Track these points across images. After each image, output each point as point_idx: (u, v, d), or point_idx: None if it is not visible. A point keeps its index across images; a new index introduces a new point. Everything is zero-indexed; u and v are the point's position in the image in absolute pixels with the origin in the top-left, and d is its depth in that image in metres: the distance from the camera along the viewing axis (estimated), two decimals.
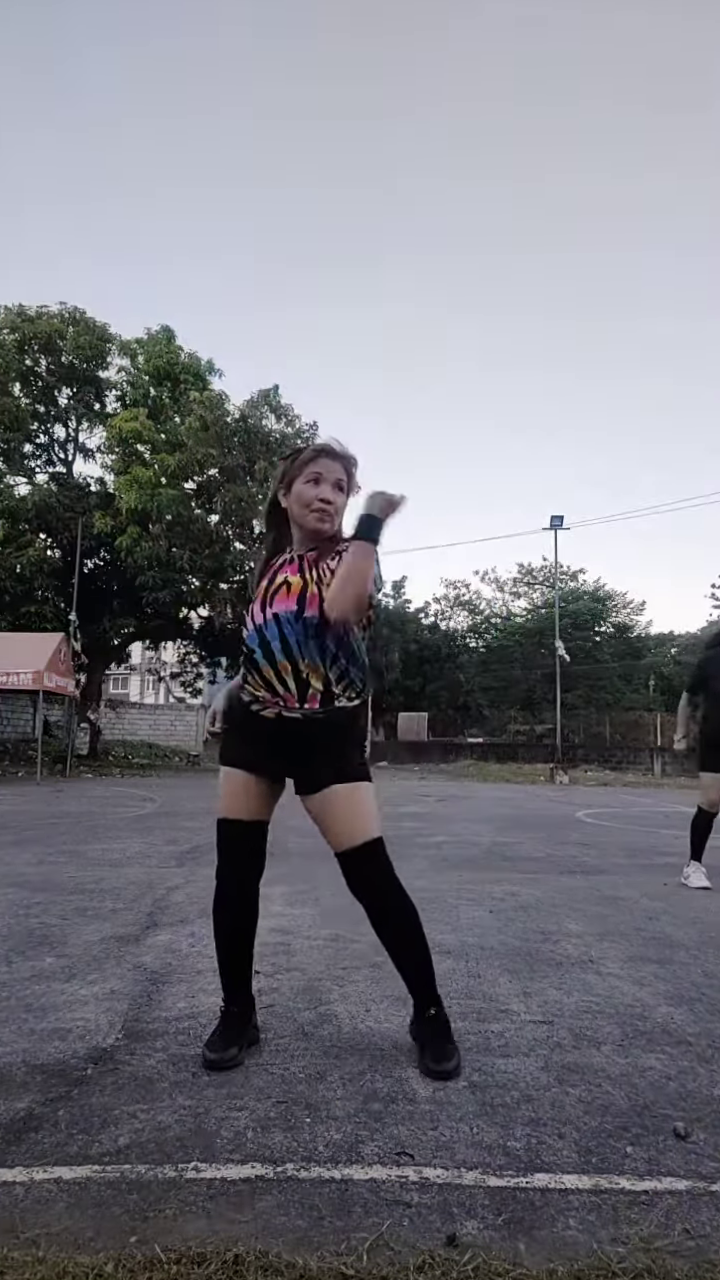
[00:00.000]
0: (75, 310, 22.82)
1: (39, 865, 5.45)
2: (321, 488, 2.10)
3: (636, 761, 27.98)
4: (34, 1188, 1.54)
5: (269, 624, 2.06)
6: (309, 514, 2.10)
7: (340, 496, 2.13)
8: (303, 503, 2.10)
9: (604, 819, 10.44)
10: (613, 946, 3.48)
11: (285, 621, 2.04)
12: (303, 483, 2.11)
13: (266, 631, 2.06)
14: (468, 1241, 1.39)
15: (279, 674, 2.06)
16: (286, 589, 2.08)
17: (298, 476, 2.12)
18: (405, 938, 2.16)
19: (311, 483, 2.10)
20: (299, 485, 2.11)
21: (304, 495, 2.10)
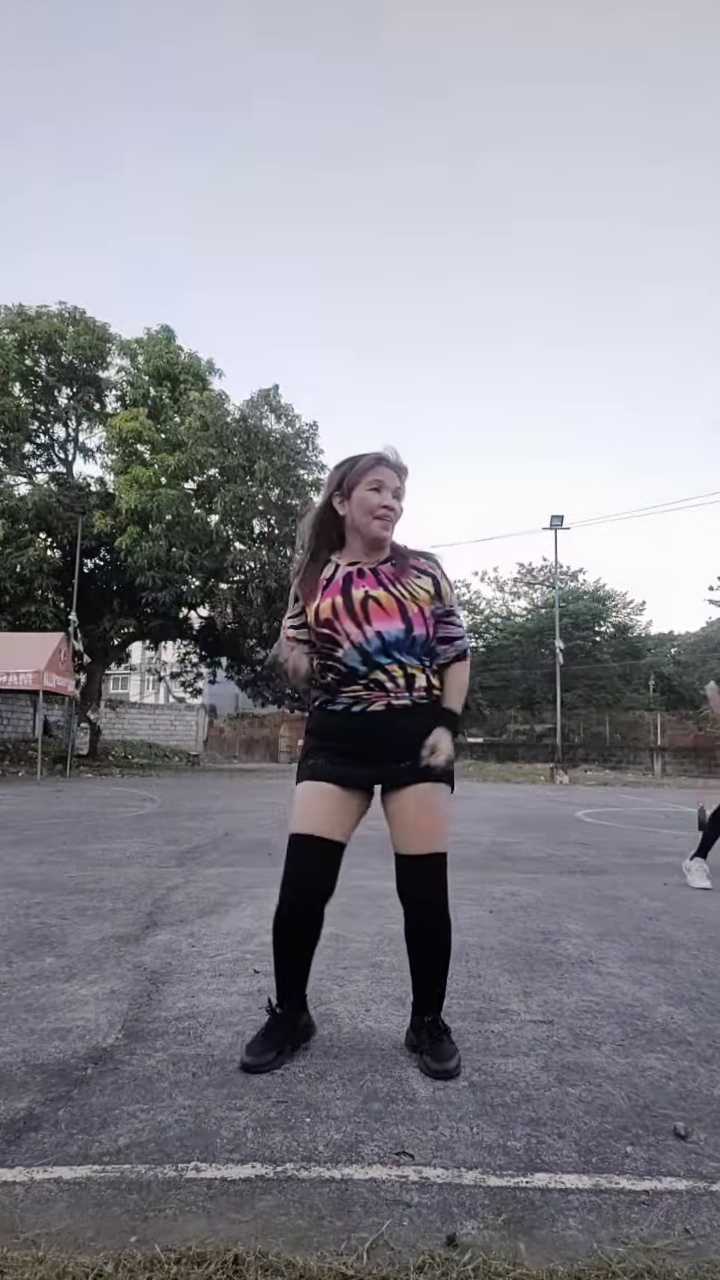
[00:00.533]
0: (75, 310, 22.81)
1: (39, 865, 5.45)
2: (384, 494, 2.14)
3: (636, 761, 27.99)
4: (34, 1188, 1.54)
5: (371, 640, 2.10)
6: (373, 520, 2.14)
7: (399, 504, 2.17)
8: (365, 509, 2.13)
9: (604, 819, 10.43)
10: (613, 946, 3.48)
11: (392, 638, 2.11)
12: (365, 490, 2.14)
13: (369, 647, 2.10)
14: (468, 1241, 1.39)
15: (389, 674, 2.12)
16: (378, 604, 2.11)
17: (358, 484, 2.14)
18: (438, 951, 2.21)
19: (374, 490, 2.14)
20: (361, 492, 2.14)
21: (367, 502, 2.13)
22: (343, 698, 2.16)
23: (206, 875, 5.12)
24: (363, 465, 2.16)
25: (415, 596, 2.15)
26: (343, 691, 2.15)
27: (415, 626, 2.13)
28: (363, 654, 2.11)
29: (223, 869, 5.38)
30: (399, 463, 2.20)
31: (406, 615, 2.12)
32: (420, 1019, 2.21)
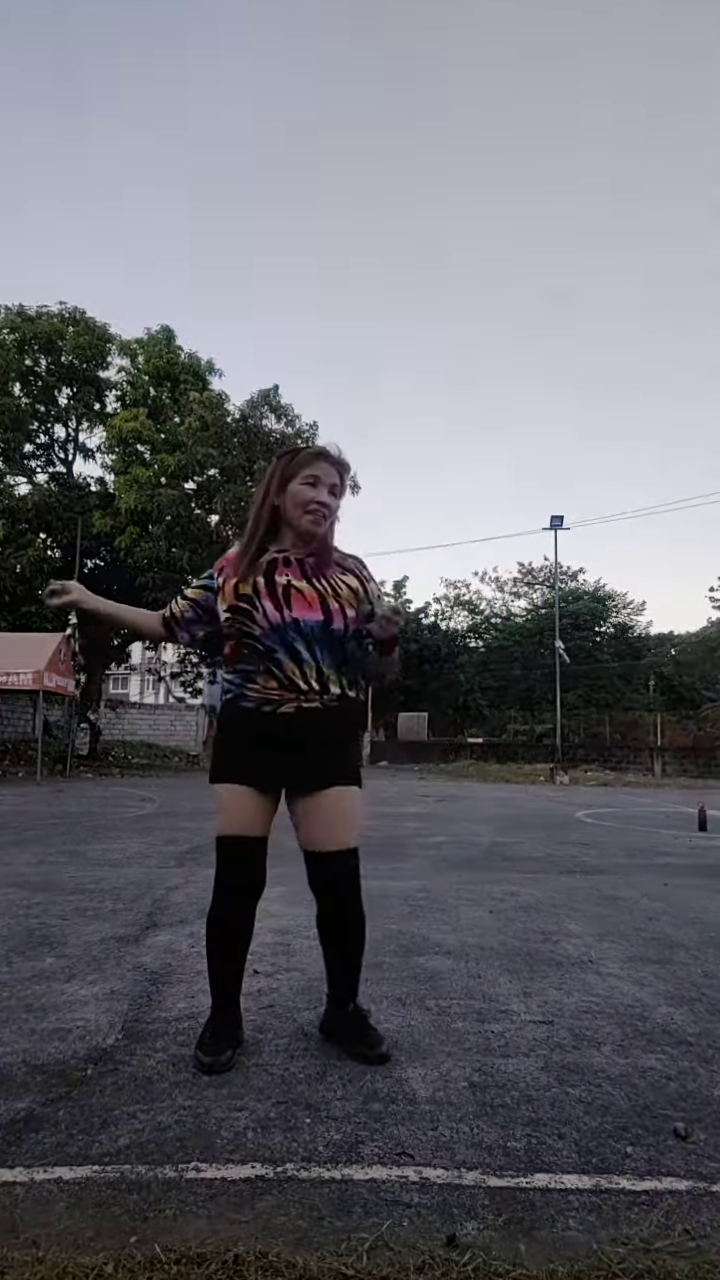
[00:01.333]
0: (75, 310, 22.80)
1: (39, 865, 5.45)
2: (319, 490, 2.13)
3: (636, 761, 27.98)
4: (34, 1188, 1.54)
5: (289, 627, 2.09)
6: (304, 515, 2.13)
7: (334, 500, 2.16)
8: (298, 503, 2.13)
9: (604, 819, 10.43)
10: (613, 946, 3.48)
11: (310, 629, 2.10)
12: (299, 483, 2.13)
13: (288, 634, 2.09)
14: (468, 1242, 1.39)
15: (304, 673, 2.11)
16: (300, 594, 2.11)
17: (294, 476, 2.14)
18: (354, 941, 2.24)
19: (309, 485, 2.13)
20: (296, 485, 2.13)
21: (300, 496, 2.12)
22: (252, 693, 2.13)
23: (206, 875, 5.09)
24: (301, 459, 2.16)
25: (338, 592, 2.14)
26: (253, 684, 2.12)
27: (334, 620, 2.11)
28: (280, 638, 2.09)
29: None
30: (340, 458, 2.18)
31: (327, 608, 2.11)
32: (342, 1010, 2.24)
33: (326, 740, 2.14)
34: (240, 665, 2.15)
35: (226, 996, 2.21)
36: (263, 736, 2.13)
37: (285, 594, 2.11)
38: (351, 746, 2.24)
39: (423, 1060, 2.19)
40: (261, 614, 2.10)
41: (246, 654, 2.13)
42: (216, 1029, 2.17)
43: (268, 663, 2.10)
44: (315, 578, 2.15)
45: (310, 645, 2.10)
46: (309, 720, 2.12)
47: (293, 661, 2.10)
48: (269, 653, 2.10)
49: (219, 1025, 2.18)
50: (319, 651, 2.11)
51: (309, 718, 2.12)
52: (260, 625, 2.10)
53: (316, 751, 2.13)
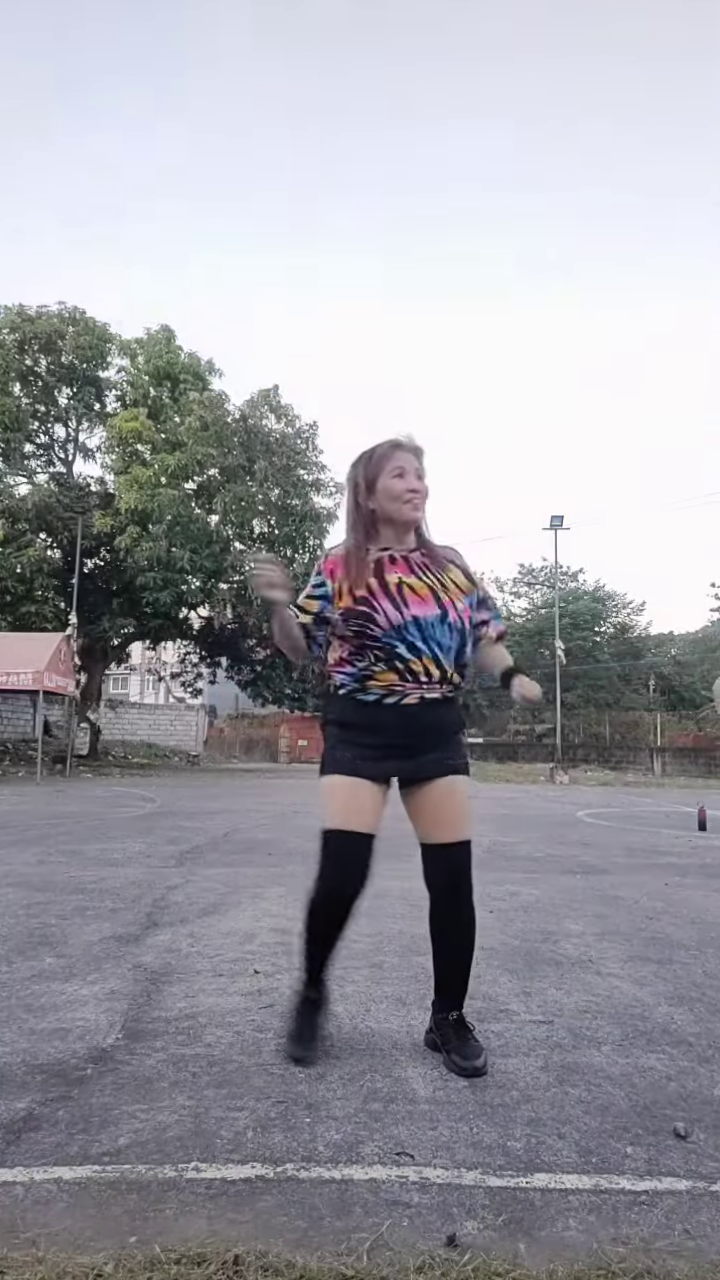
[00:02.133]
0: (75, 310, 22.81)
1: (39, 865, 5.45)
2: (408, 479, 2.17)
3: (636, 761, 27.98)
4: (34, 1188, 1.54)
5: (409, 625, 2.12)
6: (403, 506, 2.17)
7: (424, 484, 2.21)
8: (393, 496, 2.17)
9: (604, 819, 10.43)
10: (613, 946, 3.49)
11: (429, 624, 2.13)
12: (388, 478, 2.17)
13: (408, 632, 2.12)
14: (468, 1242, 1.39)
15: (425, 666, 2.13)
16: (413, 591, 2.15)
17: (380, 474, 2.18)
18: (464, 941, 2.21)
19: (397, 476, 2.17)
20: (385, 481, 2.17)
21: (393, 489, 2.17)
22: (374, 687, 2.15)
23: (206, 875, 5.12)
24: (380, 455, 2.20)
25: (446, 586, 2.18)
26: (374, 680, 2.14)
27: (449, 613, 2.15)
28: (400, 637, 2.12)
29: (223, 869, 5.38)
30: (414, 444, 2.24)
31: (440, 602, 2.15)
32: (445, 1017, 2.20)
33: (444, 729, 2.19)
34: (356, 662, 2.16)
35: (315, 973, 2.24)
36: (383, 727, 2.14)
37: (400, 592, 2.14)
38: (460, 738, 2.27)
39: (423, 1060, 2.18)
40: (382, 615, 2.12)
41: (365, 651, 2.15)
42: (308, 1017, 2.22)
43: (392, 659, 2.13)
44: (423, 572, 2.19)
45: (428, 640, 2.13)
46: (431, 710, 2.15)
47: (414, 655, 2.12)
48: (390, 649, 2.12)
49: (308, 1010, 2.23)
50: (436, 645, 2.14)
51: (431, 708, 2.15)
52: (380, 625, 2.12)
53: (434, 741, 2.17)
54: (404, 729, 2.14)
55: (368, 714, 2.16)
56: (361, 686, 2.16)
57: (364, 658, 2.15)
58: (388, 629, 2.12)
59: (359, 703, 2.17)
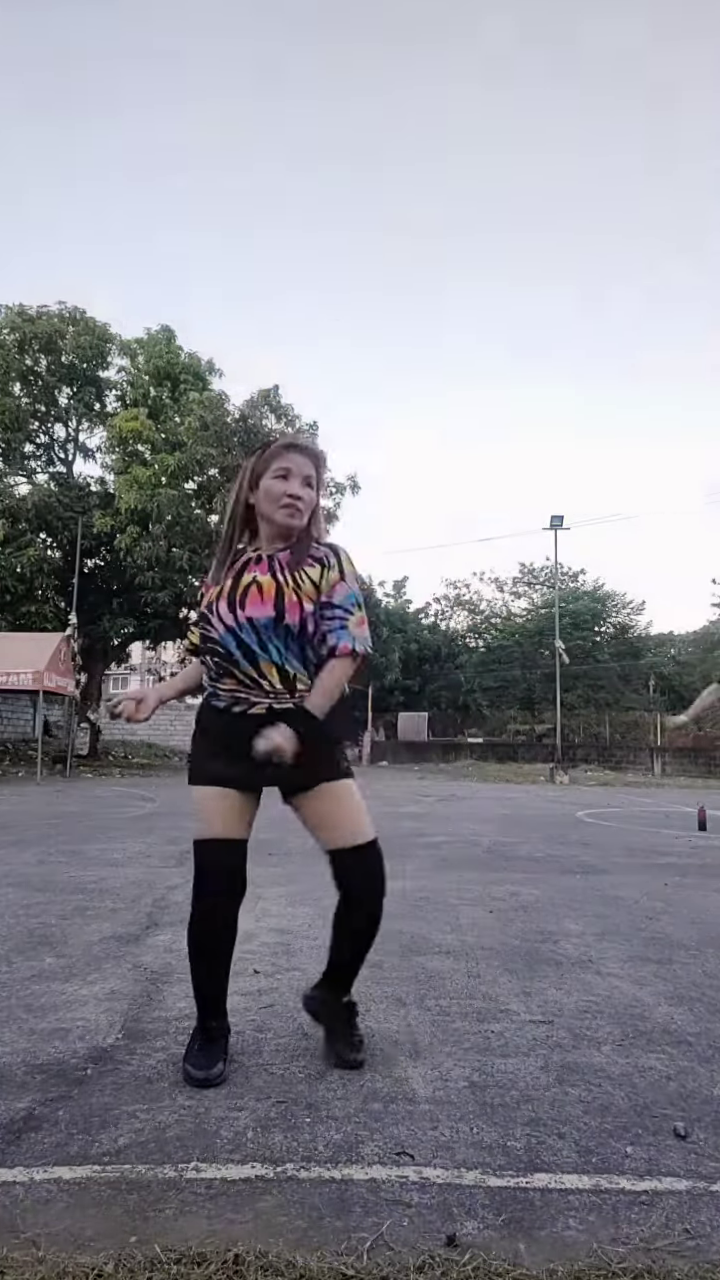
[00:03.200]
0: (75, 310, 22.81)
1: (39, 865, 5.45)
2: (290, 483, 2.06)
3: (636, 761, 27.98)
4: (34, 1188, 1.54)
5: (244, 627, 2.01)
6: (278, 509, 2.07)
7: (309, 492, 2.08)
8: (271, 498, 2.07)
9: (604, 819, 10.43)
10: (613, 946, 3.49)
11: (262, 627, 2.01)
12: (271, 478, 2.07)
13: (242, 634, 2.02)
14: (468, 1241, 1.39)
15: (263, 673, 2.02)
16: (258, 590, 2.03)
17: (265, 472, 2.09)
18: (371, 936, 2.17)
19: (280, 478, 2.07)
20: (267, 480, 2.08)
21: (273, 490, 2.07)
22: (223, 693, 2.07)
23: None
24: (271, 452, 2.10)
25: (299, 585, 2.03)
26: (222, 684, 2.07)
27: (288, 615, 2.00)
28: (236, 640, 2.02)
29: None
30: (311, 448, 2.12)
31: (281, 603, 2.01)
32: (337, 998, 2.20)
33: (303, 742, 1.99)
34: (211, 668, 2.11)
35: (213, 1005, 2.13)
36: (237, 736, 2.01)
37: (244, 593, 2.04)
38: (334, 745, 2.13)
39: (422, 1060, 2.19)
40: (216, 616, 2.05)
41: (211, 655, 2.09)
42: (205, 1040, 2.10)
43: (227, 664, 2.04)
44: (281, 570, 2.06)
45: (265, 643, 2.01)
46: (286, 720, 2.00)
47: (248, 662, 2.02)
48: (226, 655, 2.04)
49: (208, 1036, 2.11)
50: (275, 650, 2.02)
51: (283, 718, 2.00)
52: (215, 628, 2.06)
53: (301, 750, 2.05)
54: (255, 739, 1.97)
55: (221, 722, 2.08)
56: (214, 692, 2.10)
57: (210, 662, 2.09)
58: (222, 632, 2.04)
59: (214, 709, 2.11)
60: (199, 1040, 2.11)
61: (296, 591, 2.03)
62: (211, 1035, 2.12)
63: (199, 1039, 2.12)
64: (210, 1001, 2.13)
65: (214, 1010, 2.14)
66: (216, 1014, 2.14)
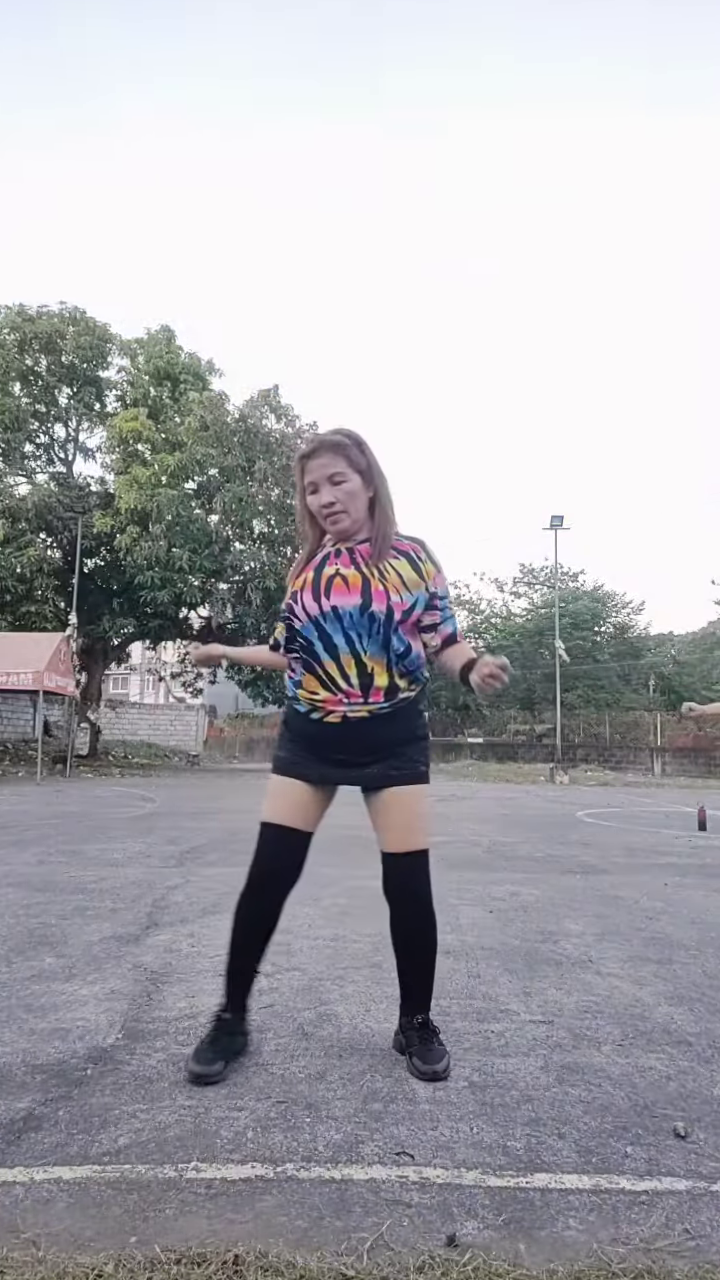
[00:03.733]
0: (75, 310, 22.82)
1: (39, 865, 5.45)
2: (320, 494, 2.09)
3: (636, 761, 27.98)
4: (34, 1188, 1.54)
5: (328, 616, 2.03)
6: (325, 522, 2.12)
7: (339, 489, 2.06)
8: (315, 513, 2.13)
9: (604, 819, 10.43)
10: (613, 946, 3.49)
11: (346, 615, 2.02)
12: (308, 495, 2.13)
13: (326, 624, 2.04)
14: (468, 1242, 1.39)
15: (342, 669, 2.05)
16: (343, 581, 2.05)
17: (304, 491, 2.14)
18: (422, 948, 2.18)
19: (312, 493, 2.11)
20: (307, 499, 2.13)
21: (311, 507, 2.13)
22: (303, 698, 2.12)
23: (206, 875, 5.11)
24: (297, 473, 2.14)
25: (384, 575, 2.05)
26: (303, 689, 2.11)
27: (374, 602, 2.01)
28: (318, 629, 2.04)
29: (223, 869, 5.38)
30: (330, 441, 2.10)
31: (367, 591, 2.02)
32: (410, 1020, 2.18)
33: (381, 744, 2.09)
34: (292, 665, 2.17)
35: (234, 990, 2.16)
36: (316, 739, 2.11)
37: (328, 583, 2.05)
38: (411, 748, 2.14)
39: None
40: (301, 606, 2.07)
41: (293, 650, 2.13)
42: (216, 1034, 2.12)
43: (307, 655, 2.08)
44: (365, 562, 2.07)
45: (348, 635, 2.03)
46: (358, 730, 2.07)
47: (329, 654, 2.04)
48: (307, 645, 2.07)
49: (219, 1029, 2.13)
50: (359, 641, 2.03)
51: (357, 728, 2.06)
52: (299, 618, 2.08)
53: (370, 756, 2.09)
54: (334, 745, 2.09)
55: (302, 723, 2.15)
56: (295, 695, 2.15)
57: (294, 660, 2.14)
58: (305, 621, 2.06)
59: (296, 711, 2.17)
60: (209, 1035, 2.14)
61: (382, 581, 2.04)
62: (221, 1028, 2.13)
63: (210, 1033, 2.14)
64: (234, 988, 2.16)
65: (233, 999, 2.16)
66: (234, 1005, 2.16)
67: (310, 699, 2.10)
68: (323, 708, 2.08)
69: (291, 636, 2.13)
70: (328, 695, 2.07)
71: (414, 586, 2.07)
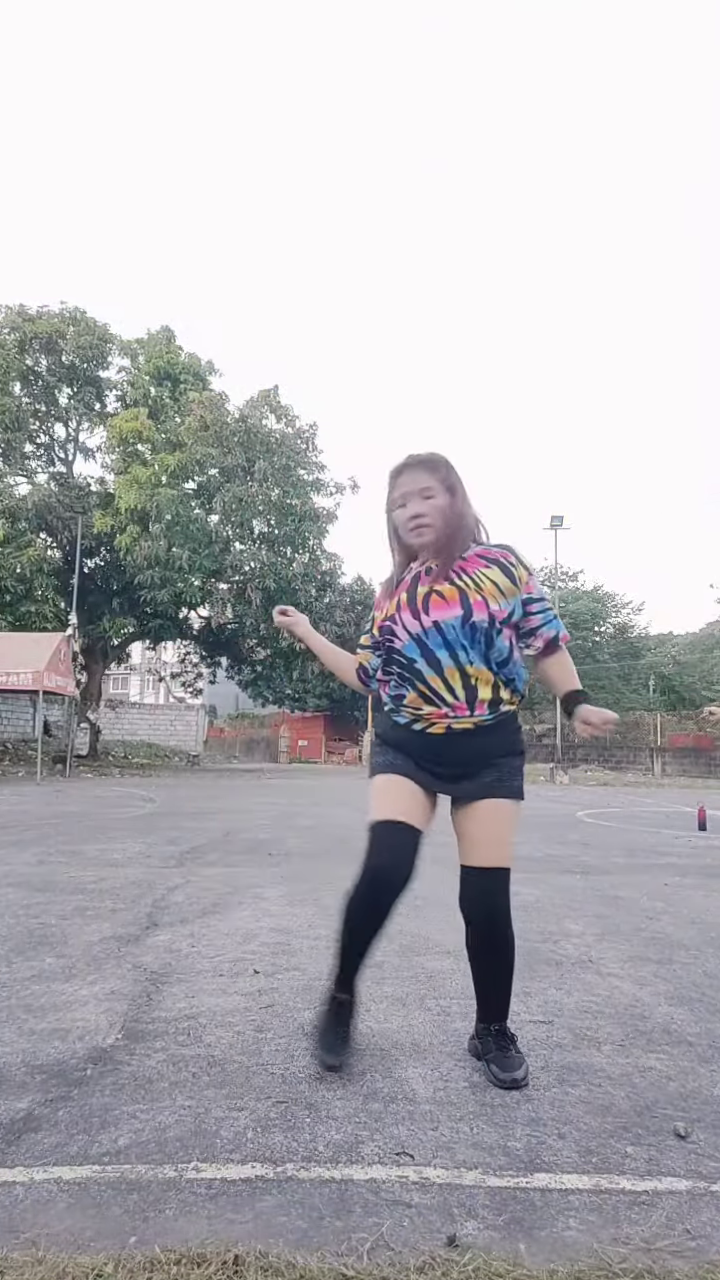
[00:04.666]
0: (75, 310, 22.84)
1: (39, 865, 5.45)
2: (409, 507, 2.10)
3: (636, 761, 27.98)
4: (34, 1188, 1.54)
5: (429, 632, 2.05)
6: (409, 535, 2.13)
7: (430, 504, 2.09)
8: (402, 528, 2.14)
9: (604, 819, 10.43)
10: (613, 946, 3.48)
11: (449, 628, 2.04)
12: (395, 509, 2.15)
13: (428, 640, 2.05)
14: (468, 1242, 1.39)
15: (447, 682, 2.05)
16: (440, 597, 2.06)
17: (391, 506, 2.16)
18: (502, 965, 2.18)
19: (401, 507, 2.13)
20: (394, 514, 2.15)
21: (399, 521, 2.14)
22: (405, 712, 2.13)
23: (206, 875, 5.11)
24: (388, 487, 2.17)
25: (479, 585, 2.06)
26: (404, 704, 2.12)
27: (475, 613, 2.03)
28: (420, 646, 2.06)
29: (223, 869, 5.38)
30: (422, 458, 2.15)
31: (466, 602, 2.04)
32: (486, 1026, 2.18)
33: (479, 757, 2.11)
34: (392, 686, 2.16)
35: (348, 974, 2.15)
36: (416, 749, 2.13)
37: (425, 600, 2.07)
38: (512, 761, 2.15)
39: (423, 1060, 2.18)
40: (401, 626, 2.09)
41: (394, 670, 2.13)
42: (339, 1021, 2.14)
43: (409, 674, 2.08)
44: (458, 576, 2.08)
45: (452, 647, 2.04)
46: (460, 740, 2.08)
47: (433, 670, 2.05)
48: (409, 664, 2.08)
49: (340, 1015, 2.14)
50: (463, 653, 2.05)
51: (460, 736, 2.08)
52: (400, 638, 2.09)
53: (468, 768, 2.11)
54: (434, 756, 2.11)
55: (400, 735, 2.16)
56: (395, 709, 2.17)
57: (392, 678, 2.15)
58: (407, 640, 2.08)
59: (396, 724, 2.18)
60: (327, 1019, 2.15)
61: (479, 591, 2.05)
62: (338, 1013, 2.15)
63: (328, 1017, 2.15)
64: (348, 973, 2.16)
65: (343, 982, 2.16)
66: (345, 987, 2.16)
67: (414, 712, 2.11)
68: (426, 720, 2.09)
69: (390, 659, 2.14)
70: (432, 710, 2.08)
71: (509, 594, 2.09)
